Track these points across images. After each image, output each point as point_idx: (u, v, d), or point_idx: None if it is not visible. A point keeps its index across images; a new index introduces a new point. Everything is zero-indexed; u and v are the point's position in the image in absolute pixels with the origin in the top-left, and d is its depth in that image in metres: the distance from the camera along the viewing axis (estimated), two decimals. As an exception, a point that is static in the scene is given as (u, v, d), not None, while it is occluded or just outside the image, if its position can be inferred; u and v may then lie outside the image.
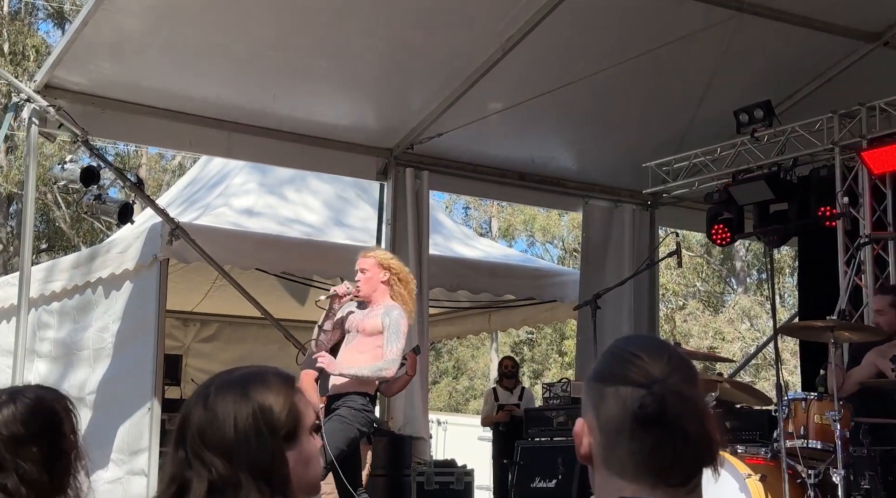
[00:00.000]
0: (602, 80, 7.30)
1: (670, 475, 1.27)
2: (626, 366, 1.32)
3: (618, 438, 1.29)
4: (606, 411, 1.31)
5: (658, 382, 1.29)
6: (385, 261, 5.36)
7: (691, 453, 1.27)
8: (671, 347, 1.36)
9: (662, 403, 1.27)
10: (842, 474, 4.52)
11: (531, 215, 22.46)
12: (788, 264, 19.66)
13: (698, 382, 1.33)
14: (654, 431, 1.27)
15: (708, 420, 1.29)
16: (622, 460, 1.29)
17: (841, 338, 4.96)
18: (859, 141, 6.96)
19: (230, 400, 1.55)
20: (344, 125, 7.86)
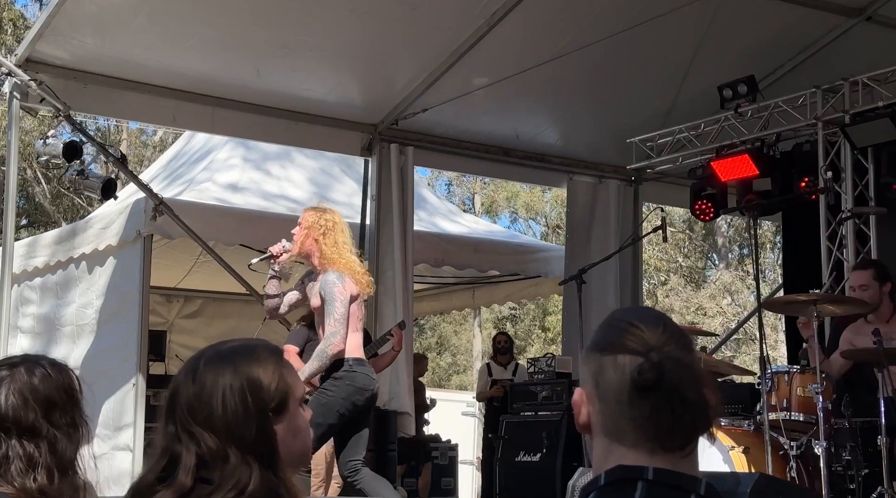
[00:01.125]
0: (587, 56, 7.30)
1: (668, 440, 1.30)
2: (623, 335, 1.34)
3: (616, 406, 1.32)
4: (605, 380, 1.33)
5: (655, 349, 1.31)
6: (308, 217, 5.07)
7: (689, 418, 1.30)
8: (667, 317, 1.39)
9: (660, 369, 1.29)
10: (823, 446, 4.58)
11: (514, 192, 22.48)
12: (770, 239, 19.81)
13: (695, 351, 1.37)
14: (652, 397, 1.29)
15: (705, 386, 1.32)
16: (621, 427, 1.32)
17: (825, 311, 5.01)
18: (842, 116, 6.99)
19: (219, 373, 1.55)
20: (328, 101, 7.82)
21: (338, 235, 4.96)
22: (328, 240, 4.93)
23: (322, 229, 4.95)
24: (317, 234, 4.94)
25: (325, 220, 4.98)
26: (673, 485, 1.29)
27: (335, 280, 4.81)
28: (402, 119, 8.13)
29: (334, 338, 4.81)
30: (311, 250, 4.97)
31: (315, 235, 4.95)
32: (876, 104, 6.77)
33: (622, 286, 9.07)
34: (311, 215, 5.04)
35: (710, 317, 20.48)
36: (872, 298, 5.22)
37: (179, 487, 1.50)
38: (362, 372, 4.97)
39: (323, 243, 4.92)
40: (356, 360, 4.96)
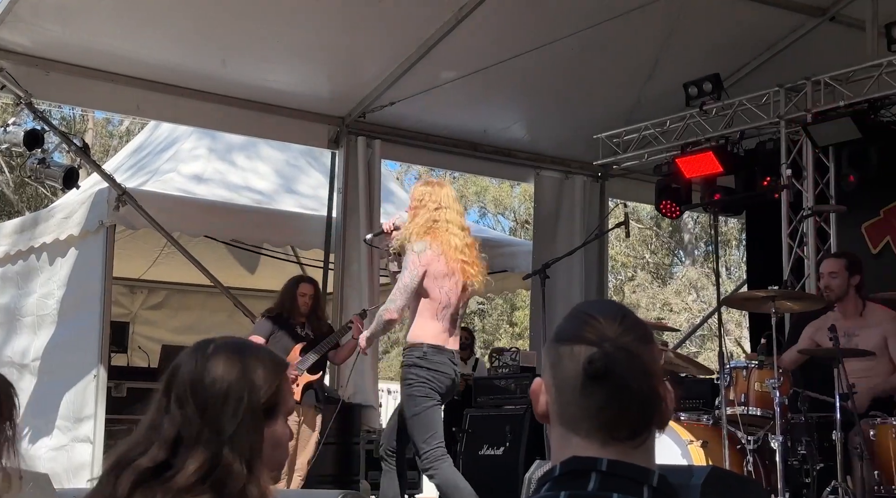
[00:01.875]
0: (554, 52, 7.32)
1: (617, 430, 1.31)
2: (581, 326, 1.37)
3: (571, 396, 1.34)
4: (561, 369, 1.35)
5: (609, 340, 1.33)
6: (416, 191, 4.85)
7: (637, 410, 1.31)
8: (628, 310, 1.41)
9: (611, 360, 1.31)
10: (780, 440, 4.64)
11: (483, 187, 22.50)
12: (735, 237, 19.98)
13: (653, 344, 1.37)
14: (603, 387, 1.31)
15: (656, 380, 1.33)
16: (574, 417, 1.34)
17: (782, 307, 5.07)
18: (804, 115, 7.07)
19: (225, 360, 1.60)
20: (295, 93, 7.79)
21: (443, 212, 4.72)
22: (426, 213, 4.72)
23: (424, 203, 4.74)
24: (419, 207, 4.75)
25: (430, 194, 4.77)
26: (626, 476, 1.30)
27: (414, 249, 4.62)
28: (369, 112, 8.11)
29: (391, 304, 4.64)
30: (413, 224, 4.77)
31: (417, 208, 4.76)
32: (838, 104, 6.86)
33: (588, 281, 9.13)
34: (418, 190, 4.86)
35: (675, 313, 20.65)
36: (840, 286, 5.28)
37: (152, 457, 1.52)
38: (438, 359, 4.79)
39: (421, 217, 4.72)
40: (432, 346, 4.77)
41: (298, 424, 6.04)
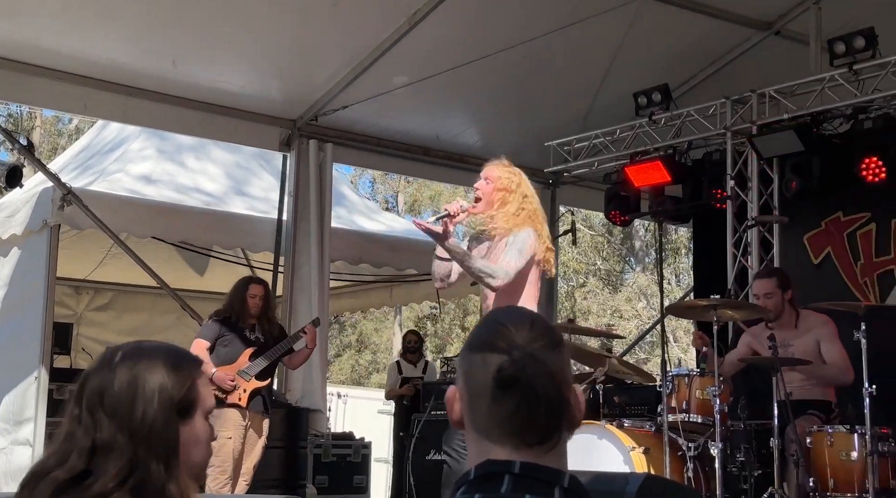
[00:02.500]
0: (507, 59, 7.37)
1: (527, 435, 1.35)
2: (492, 334, 1.39)
3: (482, 402, 1.37)
4: (473, 377, 1.38)
5: (518, 348, 1.36)
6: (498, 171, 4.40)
7: (545, 416, 1.34)
8: (538, 317, 1.44)
9: (519, 368, 1.34)
10: (719, 447, 4.71)
11: (437, 191, 22.50)
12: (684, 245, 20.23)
13: (563, 350, 1.40)
14: (512, 394, 1.34)
15: (564, 386, 1.37)
16: (486, 423, 1.37)
17: (724, 316, 5.15)
18: (749, 126, 7.20)
19: (133, 365, 1.60)
20: (247, 94, 7.74)
21: (532, 200, 4.42)
22: (518, 200, 4.35)
23: (513, 189, 4.37)
24: (508, 191, 4.35)
25: (518, 182, 4.42)
26: (538, 478, 1.33)
27: (532, 234, 4.27)
28: (321, 115, 8.09)
29: (505, 277, 4.14)
30: (497, 210, 4.35)
31: (506, 192, 4.34)
32: (782, 116, 6.99)
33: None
34: (501, 170, 4.44)
35: (625, 319, 20.85)
36: (776, 305, 5.38)
37: (69, 468, 1.52)
38: None
39: (514, 203, 4.33)
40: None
41: (245, 428, 5.99)
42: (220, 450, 5.81)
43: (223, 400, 5.89)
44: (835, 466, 4.78)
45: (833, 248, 7.41)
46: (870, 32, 6.40)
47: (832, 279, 7.22)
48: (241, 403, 5.95)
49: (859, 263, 7.26)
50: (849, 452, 4.76)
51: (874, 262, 7.21)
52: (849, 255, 7.32)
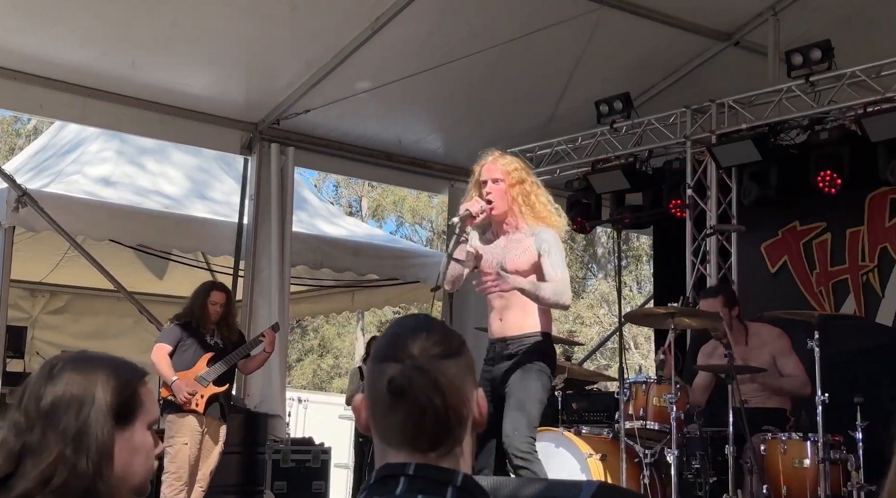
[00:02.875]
0: (470, 65, 7.38)
1: (418, 443, 1.41)
2: (389, 345, 1.46)
3: (380, 411, 1.44)
4: (373, 386, 1.45)
5: (410, 358, 1.42)
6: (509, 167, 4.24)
7: (432, 426, 1.41)
8: (438, 326, 1.48)
9: (408, 379, 1.40)
10: (675, 454, 4.75)
11: (401, 196, 22.52)
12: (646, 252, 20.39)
13: (460, 359, 1.45)
14: (401, 404, 1.41)
15: (454, 395, 1.42)
16: (384, 430, 1.44)
17: (681, 324, 5.19)
18: (709, 136, 7.27)
19: (71, 371, 1.61)
20: (207, 97, 7.67)
21: (542, 191, 4.23)
22: (535, 192, 4.18)
23: (525, 174, 4.20)
24: (522, 183, 4.18)
25: (519, 163, 4.25)
26: (431, 478, 1.40)
27: (556, 235, 4.12)
28: (283, 119, 8.05)
29: (567, 292, 4.05)
30: (511, 207, 4.20)
31: (520, 185, 4.17)
32: (740, 126, 7.07)
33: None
34: (503, 165, 4.23)
35: (587, 325, 20.96)
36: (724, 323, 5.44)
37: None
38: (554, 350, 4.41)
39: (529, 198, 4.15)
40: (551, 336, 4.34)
41: (202, 435, 5.94)
42: (175, 456, 5.75)
43: (180, 406, 5.84)
44: (788, 473, 4.84)
45: (789, 256, 7.51)
46: (826, 45, 6.49)
47: (788, 288, 7.31)
48: (199, 408, 5.89)
49: (815, 272, 7.35)
50: (802, 459, 4.82)
51: (829, 271, 7.31)
52: (805, 264, 7.41)
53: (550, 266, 4.09)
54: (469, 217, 4.08)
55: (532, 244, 4.16)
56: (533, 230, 4.17)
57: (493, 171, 4.23)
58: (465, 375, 1.45)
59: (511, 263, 4.18)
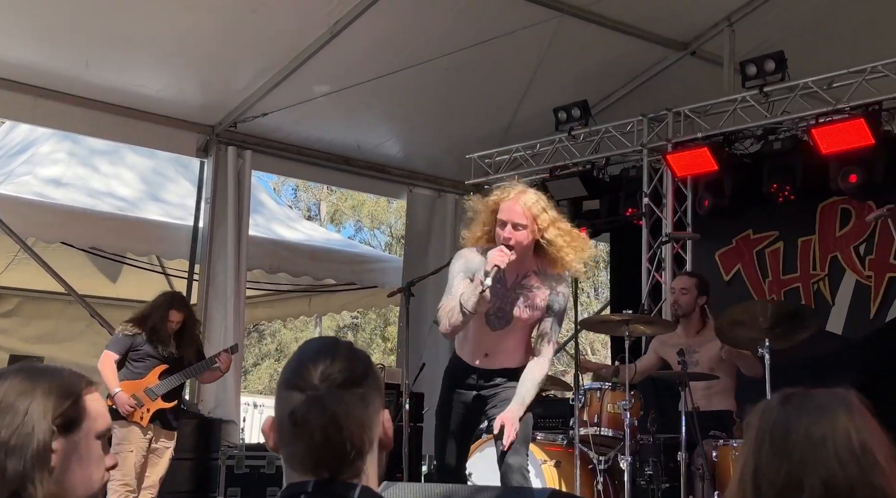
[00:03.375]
0: (429, 71, 7.38)
1: (319, 470, 1.44)
2: (294, 372, 1.48)
3: (285, 436, 1.47)
4: (280, 412, 1.48)
5: (312, 388, 1.44)
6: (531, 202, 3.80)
7: (329, 457, 1.44)
8: (341, 351, 1.49)
9: (308, 410, 1.43)
10: (628, 461, 4.77)
11: (360, 201, 22.45)
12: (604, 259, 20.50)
13: (364, 385, 1.47)
14: (302, 434, 1.44)
15: (352, 425, 1.44)
16: (288, 456, 1.47)
17: (636, 331, 5.22)
18: (665, 144, 7.34)
19: (12, 380, 1.61)
20: (163, 98, 7.58)
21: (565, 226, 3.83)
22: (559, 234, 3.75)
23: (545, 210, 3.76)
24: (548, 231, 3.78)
25: (535, 197, 3.79)
26: (329, 493, 1.43)
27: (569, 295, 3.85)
28: (240, 122, 7.98)
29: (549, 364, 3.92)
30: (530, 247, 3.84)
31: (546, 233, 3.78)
32: (696, 135, 7.15)
33: (457, 299, 9.20)
34: (537, 205, 3.77)
35: (545, 331, 20.97)
36: (688, 302, 5.53)
37: None
38: None
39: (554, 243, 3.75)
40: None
41: (149, 442, 5.84)
42: (122, 464, 5.66)
43: (125, 417, 5.73)
44: (739, 479, 4.88)
45: (743, 265, 7.60)
46: (780, 56, 6.58)
47: (741, 295, 7.39)
48: (143, 422, 5.78)
49: (767, 280, 7.45)
50: (752, 465, 4.86)
51: (781, 279, 7.41)
52: (757, 272, 7.51)
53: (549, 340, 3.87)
54: (498, 269, 3.71)
55: (545, 298, 3.86)
56: (551, 282, 3.85)
57: (515, 213, 3.77)
58: (368, 400, 1.47)
59: (518, 312, 3.88)
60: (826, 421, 1.42)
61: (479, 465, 5.08)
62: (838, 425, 1.41)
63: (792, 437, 1.41)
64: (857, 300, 7.05)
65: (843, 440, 1.40)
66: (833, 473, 1.37)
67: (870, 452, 1.40)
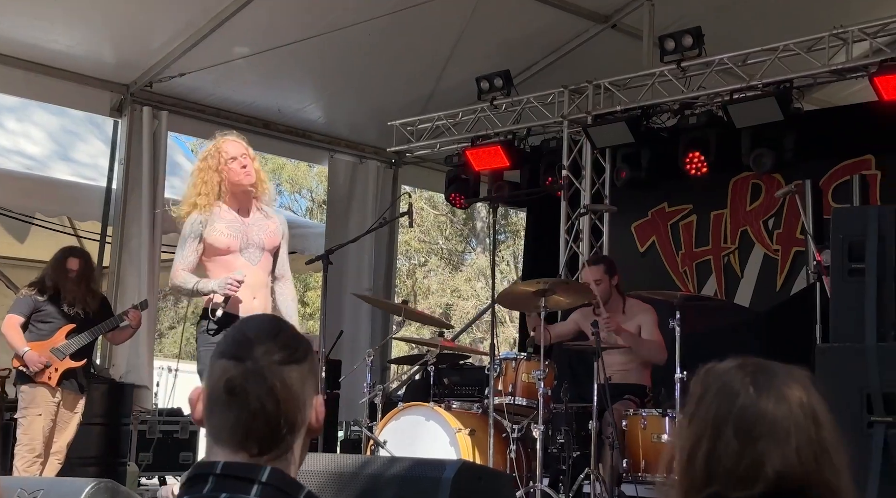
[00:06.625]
0: (351, 36, 7.28)
1: (247, 445, 1.42)
2: (233, 343, 1.46)
3: (215, 407, 1.44)
4: (211, 382, 1.45)
5: (252, 360, 1.42)
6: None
7: (262, 429, 1.41)
8: (283, 329, 1.48)
9: (245, 380, 1.41)
10: (541, 429, 4.86)
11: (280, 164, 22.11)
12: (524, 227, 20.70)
13: (303, 365, 1.46)
14: (235, 405, 1.41)
15: (290, 402, 1.43)
16: (216, 427, 1.44)
17: (552, 302, 5.28)
18: (585, 116, 7.41)
19: None
20: (75, 55, 7.32)
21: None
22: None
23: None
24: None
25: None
26: (236, 476, 1.40)
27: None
28: (157, 82, 7.78)
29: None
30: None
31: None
32: (615, 108, 7.23)
33: (377, 266, 9.23)
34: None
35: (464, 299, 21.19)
36: (605, 291, 5.60)
37: None
38: None
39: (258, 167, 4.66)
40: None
41: (57, 406, 5.71)
42: (28, 427, 5.54)
43: (32, 377, 5.59)
44: (647, 447, 5.03)
45: (657, 237, 7.76)
46: (697, 32, 6.68)
47: (655, 267, 7.57)
48: (51, 382, 5.65)
49: (680, 253, 7.63)
50: (660, 434, 5.01)
51: (694, 251, 7.60)
52: (671, 244, 7.68)
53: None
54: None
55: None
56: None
57: (241, 146, 4.57)
58: (305, 381, 1.45)
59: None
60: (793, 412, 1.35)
61: (393, 433, 5.12)
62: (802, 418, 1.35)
63: (759, 428, 1.34)
64: (765, 273, 7.28)
65: (805, 436, 1.35)
66: (791, 465, 1.33)
67: (827, 450, 1.36)
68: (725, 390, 1.37)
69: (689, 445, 1.37)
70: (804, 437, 1.35)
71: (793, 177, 6.55)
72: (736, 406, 1.35)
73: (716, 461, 1.34)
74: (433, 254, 23.10)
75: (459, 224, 23.15)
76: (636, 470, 5.01)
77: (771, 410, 1.35)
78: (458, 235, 23.85)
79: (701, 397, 1.39)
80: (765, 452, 1.33)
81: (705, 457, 1.34)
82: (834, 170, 6.95)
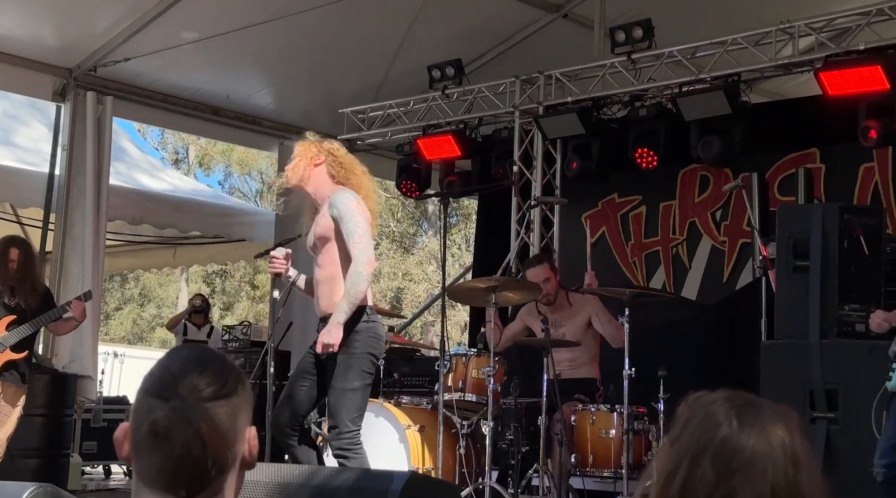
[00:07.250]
0: (302, 22, 7.19)
1: (175, 488, 1.37)
2: (158, 381, 1.39)
3: (139, 449, 1.38)
4: (136, 421, 1.39)
5: (177, 399, 1.36)
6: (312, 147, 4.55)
7: (189, 474, 1.36)
8: (215, 362, 1.41)
9: (170, 422, 1.35)
10: (490, 425, 4.87)
11: (230, 146, 21.86)
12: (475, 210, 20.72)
13: (233, 399, 1.39)
14: (161, 448, 1.36)
15: (216, 442, 1.37)
16: (143, 469, 1.38)
17: (502, 299, 5.26)
18: (536, 107, 7.40)
19: None
20: (16, 37, 7.13)
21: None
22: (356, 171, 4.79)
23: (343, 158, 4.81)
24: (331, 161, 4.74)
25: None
26: None
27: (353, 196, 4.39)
28: (101, 66, 7.61)
29: (366, 255, 4.23)
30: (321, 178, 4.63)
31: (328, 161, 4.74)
32: (566, 99, 7.23)
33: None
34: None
35: (415, 282, 21.19)
36: (553, 287, 5.61)
37: None
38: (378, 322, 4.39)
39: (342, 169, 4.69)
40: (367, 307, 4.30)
41: (-2, 398, 5.58)
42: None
43: None
44: (595, 442, 5.07)
45: (608, 228, 7.80)
46: (647, 24, 6.70)
47: (606, 258, 7.60)
48: None
49: (630, 243, 7.68)
50: (608, 429, 5.06)
51: (643, 242, 7.65)
52: (621, 235, 7.72)
53: (346, 235, 4.28)
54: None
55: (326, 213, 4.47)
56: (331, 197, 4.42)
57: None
58: (236, 416, 1.40)
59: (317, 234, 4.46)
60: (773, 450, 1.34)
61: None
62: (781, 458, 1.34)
63: (736, 461, 1.32)
64: (712, 264, 7.36)
65: (782, 474, 1.33)
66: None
67: (803, 494, 1.33)
68: (709, 420, 1.36)
69: (668, 470, 1.36)
70: (781, 477, 1.33)
71: (740, 169, 6.64)
72: (717, 437, 1.34)
73: (691, 489, 1.33)
74: (384, 237, 23.05)
75: (411, 207, 23.12)
76: (584, 465, 5.05)
77: (751, 445, 1.33)
78: (409, 218, 23.81)
79: (686, 423, 1.38)
80: (738, 486, 1.32)
81: (681, 483, 1.34)
82: (780, 162, 7.04)
